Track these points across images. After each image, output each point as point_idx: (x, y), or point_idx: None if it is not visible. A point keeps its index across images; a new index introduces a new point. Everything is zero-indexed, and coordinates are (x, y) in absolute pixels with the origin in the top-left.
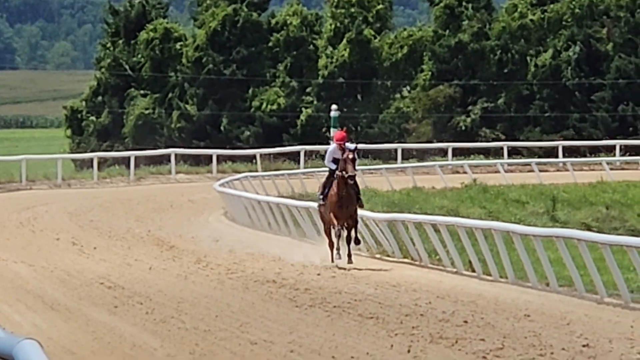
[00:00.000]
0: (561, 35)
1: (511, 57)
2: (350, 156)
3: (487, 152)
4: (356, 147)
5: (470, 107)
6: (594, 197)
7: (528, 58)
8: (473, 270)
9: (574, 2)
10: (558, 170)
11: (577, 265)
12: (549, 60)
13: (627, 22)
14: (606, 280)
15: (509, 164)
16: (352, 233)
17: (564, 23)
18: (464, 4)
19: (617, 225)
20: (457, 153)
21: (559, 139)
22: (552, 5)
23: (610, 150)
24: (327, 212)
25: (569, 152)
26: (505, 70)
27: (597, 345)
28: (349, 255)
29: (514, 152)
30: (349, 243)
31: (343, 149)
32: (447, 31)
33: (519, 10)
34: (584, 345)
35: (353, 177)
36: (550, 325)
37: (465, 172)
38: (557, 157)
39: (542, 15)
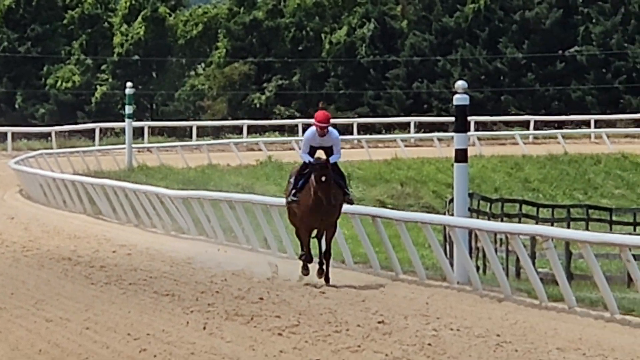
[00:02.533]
0: (356, 13)
1: (306, 34)
2: (322, 177)
3: (282, 129)
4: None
5: (265, 85)
6: (389, 174)
7: (323, 35)
8: (268, 247)
9: None
10: (353, 147)
11: (372, 242)
12: (343, 38)
13: (420, 0)
14: (401, 257)
15: None
16: (324, 244)
17: (358, 0)
18: None
19: (412, 202)
20: (252, 130)
21: (353, 116)
22: None
23: (404, 127)
24: (299, 217)
25: (364, 129)
26: (300, 48)
27: (392, 321)
28: (326, 274)
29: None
30: (325, 258)
31: (324, 135)
32: (242, 9)
33: None
34: (379, 322)
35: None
36: (345, 302)
37: (260, 150)
38: (351, 134)
39: None
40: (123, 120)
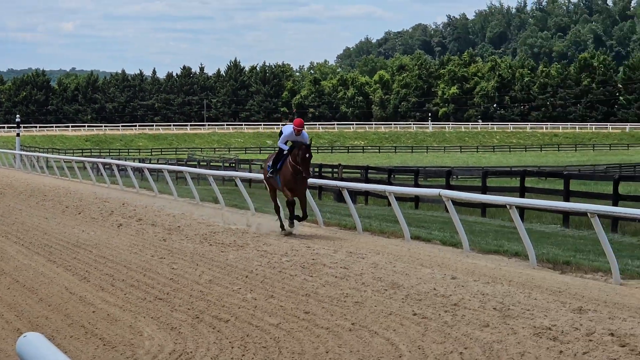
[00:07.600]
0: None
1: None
2: (307, 155)
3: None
4: (311, 142)
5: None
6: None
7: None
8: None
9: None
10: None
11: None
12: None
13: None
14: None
15: None
16: (299, 209)
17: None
18: None
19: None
20: None
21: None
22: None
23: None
24: (280, 186)
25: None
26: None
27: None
28: (291, 219)
29: None
30: (303, 219)
31: (299, 135)
32: None
33: None
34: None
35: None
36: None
37: None
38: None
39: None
40: None
